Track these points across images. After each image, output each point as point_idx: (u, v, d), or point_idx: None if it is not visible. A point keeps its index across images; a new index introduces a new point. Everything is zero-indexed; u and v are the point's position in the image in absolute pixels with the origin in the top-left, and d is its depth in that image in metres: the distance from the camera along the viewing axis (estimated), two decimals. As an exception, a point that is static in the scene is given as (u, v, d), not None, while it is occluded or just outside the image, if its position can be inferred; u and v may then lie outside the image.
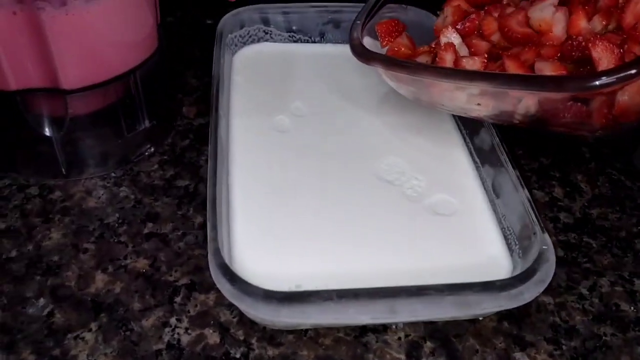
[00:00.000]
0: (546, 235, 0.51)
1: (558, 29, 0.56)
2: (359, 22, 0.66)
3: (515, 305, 0.49)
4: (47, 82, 0.58)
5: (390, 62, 0.60)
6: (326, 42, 0.80)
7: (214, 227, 0.50)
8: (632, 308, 0.56)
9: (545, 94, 0.51)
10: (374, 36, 0.68)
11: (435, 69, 0.58)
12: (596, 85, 0.46)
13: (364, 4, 0.68)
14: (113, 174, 0.66)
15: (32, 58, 0.56)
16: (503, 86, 0.51)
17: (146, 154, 0.68)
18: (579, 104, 0.51)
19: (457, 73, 0.56)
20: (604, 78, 0.45)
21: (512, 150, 0.71)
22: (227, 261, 0.48)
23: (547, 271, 0.49)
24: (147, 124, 0.67)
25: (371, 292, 0.47)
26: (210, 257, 0.48)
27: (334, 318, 0.47)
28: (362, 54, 0.61)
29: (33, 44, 0.55)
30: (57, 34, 0.55)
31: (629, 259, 0.61)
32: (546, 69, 0.53)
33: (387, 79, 0.63)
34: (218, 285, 0.46)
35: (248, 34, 0.78)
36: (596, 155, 0.72)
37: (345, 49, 0.78)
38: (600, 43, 0.50)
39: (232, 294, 0.46)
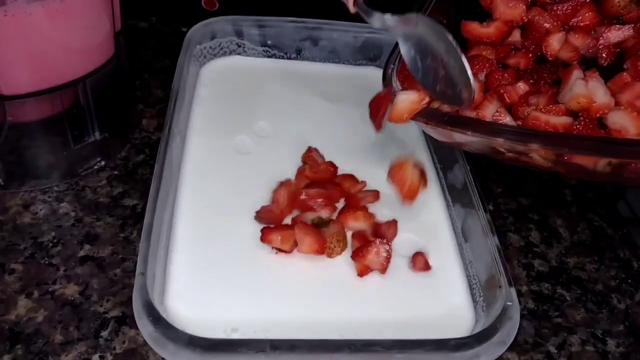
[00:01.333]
0: (512, 290, 0.46)
1: (600, 96, 0.50)
2: (392, 66, 0.57)
3: (470, 368, 0.44)
4: (-17, 86, 0.54)
5: (445, 119, 0.50)
6: (302, 60, 0.76)
7: (145, 260, 0.45)
8: (603, 373, 0.52)
9: None
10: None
11: (510, 129, 0.49)
12: None
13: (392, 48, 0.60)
14: (56, 188, 0.61)
15: (-33, 59, 0.52)
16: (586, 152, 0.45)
17: (95, 167, 0.63)
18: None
19: (541, 136, 0.47)
20: None
21: (490, 187, 0.66)
22: (156, 295, 0.44)
23: (509, 331, 0.44)
24: (97, 136, 0.62)
25: (311, 345, 0.42)
26: (135, 293, 0.43)
27: (266, 372, 0.42)
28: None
29: (-31, 45, 0.51)
30: (-4, 34, 0.50)
31: (603, 315, 0.56)
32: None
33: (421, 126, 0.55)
34: (139, 326, 0.42)
35: (219, 45, 0.73)
36: (579, 198, 0.67)
37: (323, 67, 0.75)
38: None
39: (153, 338, 0.41)
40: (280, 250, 0.52)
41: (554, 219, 0.65)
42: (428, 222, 0.58)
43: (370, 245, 0.52)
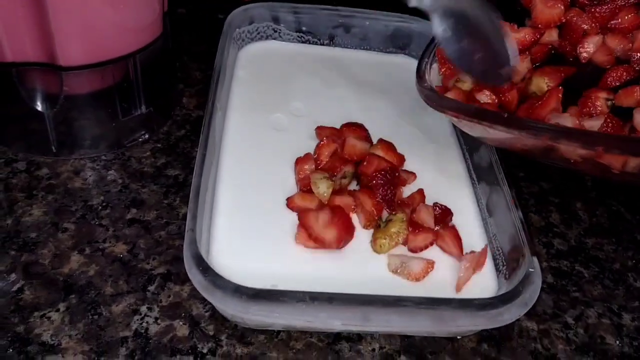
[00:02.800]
0: (534, 259, 0.49)
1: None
2: (426, 60, 0.60)
3: (493, 326, 0.47)
4: (43, 57, 0.57)
5: (477, 112, 0.52)
6: (335, 46, 0.79)
7: (194, 217, 0.49)
8: (617, 342, 0.54)
9: None
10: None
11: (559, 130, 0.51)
12: None
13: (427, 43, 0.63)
14: (104, 157, 0.65)
15: (31, 31, 0.55)
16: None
17: (140, 140, 0.67)
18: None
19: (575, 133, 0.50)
20: None
21: (512, 172, 0.69)
22: (202, 253, 0.47)
23: (531, 294, 0.47)
24: (143, 109, 0.66)
25: (345, 298, 0.45)
26: (185, 247, 0.47)
27: (305, 320, 0.45)
28: (437, 102, 0.56)
29: (32, 16, 0.54)
30: (58, 7, 0.54)
31: (619, 292, 0.59)
32: None
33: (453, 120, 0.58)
34: (189, 276, 0.45)
35: (256, 30, 0.77)
36: (598, 185, 0.70)
37: (354, 54, 0.79)
38: None
39: (203, 286, 0.45)
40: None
41: (574, 203, 0.68)
42: (454, 198, 0.60)
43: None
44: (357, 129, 0.64)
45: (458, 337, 0.52)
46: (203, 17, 0.89)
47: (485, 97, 0.58)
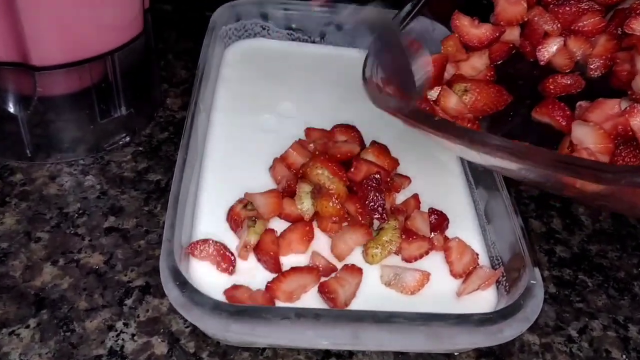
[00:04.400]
0: (536, 270, 0.46)
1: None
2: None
3: (493, 344, 0.44)
4: (15, 56, 0.54)
5: (416, 116, 0.49)
6: (326, 44, 0.76)
7: (172, 226, 0.46)
8: (623, 356, 0.51)
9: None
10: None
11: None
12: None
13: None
14: (81, 161, 0.61)
15: (2, 29, 0.52)
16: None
17: (120, 143, 0.64)
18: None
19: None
20: None
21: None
22: (182, 265, 0.44)
23: (533, 308, 0.44)
24: (123, 111, 0.62)
25: (333, 315, 0.42)
26: (162, 259, 0.43)
27: (290, 339, 0.42)
28: (378, 100, 0.52)
29: (3, 14, 0.51)
30: (30, 3, 0.51)
31: (625, 302, 0.56)
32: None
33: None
34: (165, 291, 0.42)
35: (244, 27, 0.74)
36: (601, 187, 0.67)
37: (347, 52, 0.76)
38: None
39: (180, 303, 0.41)
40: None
41: (575, 207, 0.64)
42: (451, 203, 0.57)
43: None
44: (349, 130, 0.61)
45: (455, 354, 0.49)
46: (189, 14, 0.86)
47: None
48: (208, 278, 0.48)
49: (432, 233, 0.53)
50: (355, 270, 0.48)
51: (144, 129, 0.66)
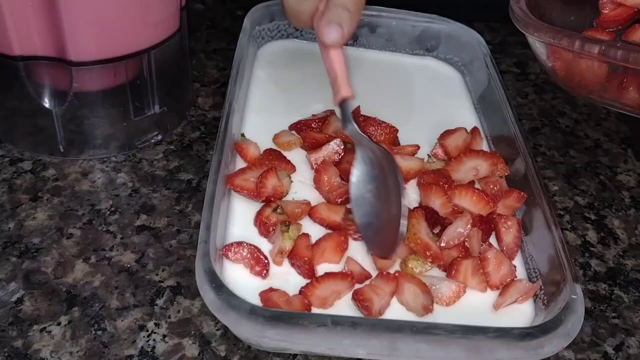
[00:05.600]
0: (577, 285, 0.45)
1: None
2: None
3: (533, 359, 0.43)
4: (53, 51, 0.54)
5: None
6: (359, 47, 0.75)
7: (207, 228, 0.45)
8: (663, 377, 0.50)
9: None
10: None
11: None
12: None
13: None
14: (114, 158, 0.61)
15: (40, 23, 0.52)
16: None
17: (152, 141, 0.64)
18: None
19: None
20: None
21: (546, 185, 0.65)
22: (216, 267, 0.43)
23: (574, 324, 0.43)
24: (156, 109, 0.62)
25: (371, 324, 0.42)
26: (197, 261, 0.43)
27: (326, 348, 0.42)
28: (530, 24, 0.51)
29: (42, 7, 0.51)
30: (69, 1, 0.51)
31: (663, 320, 0.55)
32: None
33: (546, 58, 0.53)
34: (201, 293, 0.41)
35: (277, 28, 0.73)
36: (637, 201, 0.66)
37: (379, 55, 0.75)
38: None
39: (216, 306, 0.41)
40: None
41: (611, 220, 0.63)
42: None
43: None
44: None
45: (491, 367, 0.48)
46: (222, 13, 0.86)
47: None
48: (241, 281, 0.47)
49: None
50: (391, 279, 0.47)
51: (175, 128, 0.66)
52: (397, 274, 0.47)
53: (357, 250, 0.51)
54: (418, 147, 0.59)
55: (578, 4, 0.58)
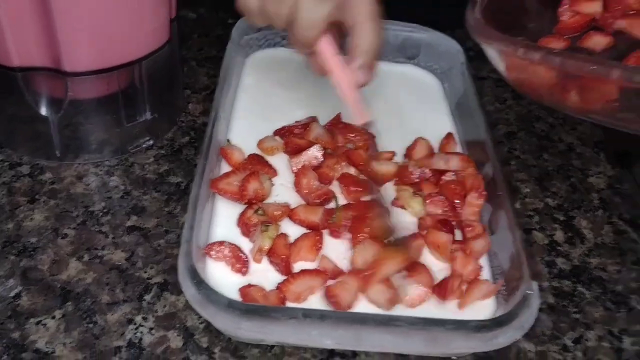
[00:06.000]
0: (534, 282, 0.49)
1: None
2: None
3: (488, 349, 0.46)
4: (49, 62, 0.58)
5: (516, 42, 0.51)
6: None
7: (191, 228, 0.49)
8: (617, 368, 0.54)
9: None
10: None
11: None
12: None
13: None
14: (107, 162, 0.65)
15: (37, 36, 0.56)
16: None
17: (144, 146, 0.67)
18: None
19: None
20: None
21: (518, 187, 0.69)
22: (199, 264, 0.47)
23: (528, 318, 0.47)
24: (148, 116, 0.66)
25: (338, 316, 0.45)
26: (180, 259, 0.47)
27: (296, 338, 0.45)
28: (481, 33, 0.54)
29: (39, 22, 0.55)
30: (64, 12, 0.54)
31: (621, 314, 0.58)
32: None
33: (501, 64, 0.55)
34: (183, 289, 0.45)
35: (264, 37, 0.77)
36: (605, 203, 0.69)
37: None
38: None
39: (196, 300, 0.44)
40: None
41: (579, 221, 0.67)
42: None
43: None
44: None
45: (453, 358, 0.51)
46: (213, 22, 0.89)
47: None
48: (223, 277, 0.51)
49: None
50: (360, 277, 0.51)
51: (166, 133, 0.70)
52: (367, 273, 0.51)
53: (332, 249, 0.54)
54: (394, 153, 0.63)
55: (537, 12, 0.62)
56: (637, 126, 0.50)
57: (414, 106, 0.73)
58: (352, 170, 0.60)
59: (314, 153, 0.60)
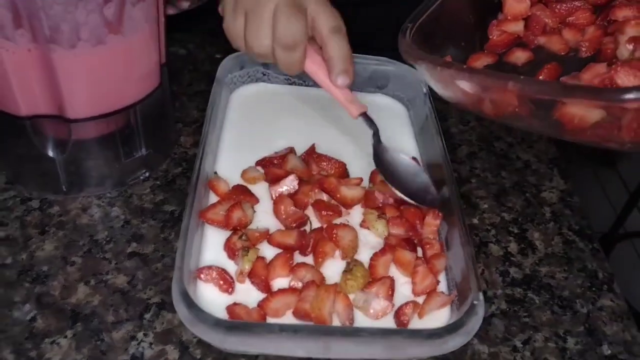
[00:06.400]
0: (479, 293, 0.56)
1: None
2: (410, 24, 0.66)
3: (440, 353, 0.54)
4: (54, 110, 0.65)
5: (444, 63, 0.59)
6: (319, 87, 0.86)
7: (182, 256, 0.56)
8: (558, 365, 0.61)
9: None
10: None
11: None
12: (628, 98, 0.47)
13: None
14: (109, 194, 0.73)
15: (42, 90, 0.63)
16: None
17: (141, 178, 0.75)
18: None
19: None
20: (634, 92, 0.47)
21: (477, 203, 0.76)
22: (191, 285, 0.55)
23: (474, 325, 0.54)
24: (143, 152, 0.74)
25: (309, 329, 0.53)
26: (173, 283, 0.54)
27: (275, 349, 0.53)
28: (410, 53, 0.62)
29: (43, 78, 0.63)
30: (66, 71, 0.62)
31: (567, 317, 0.66)
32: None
33: (430, 81, 0.63)
34: (176, 309, 0.53)
35: (247, 74, 0.84)
36: (557, 215, 0.77)
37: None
38: (622, 69, 0.54)
39: (188, 319, 0.52)
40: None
41: (532, 233, 0.74)
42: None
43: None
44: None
45: (414, 360, 0.59)
46: (202, 57, 0.97)
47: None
48: (212, 297, 0.59)
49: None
50: (331, 290, 0.58)
51: (161, 165, 0.77)
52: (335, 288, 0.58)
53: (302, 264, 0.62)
54: (361, 179, 0.71)
55: (466, 32, 0.70)
56: (543, 129, 0.60)
57: (384, 132, 0.80)
58: (324, 197, 0.67)
59: (291, 182, 0.68)
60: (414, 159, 0.71)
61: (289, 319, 0.58)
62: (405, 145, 0.78)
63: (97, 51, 0.62)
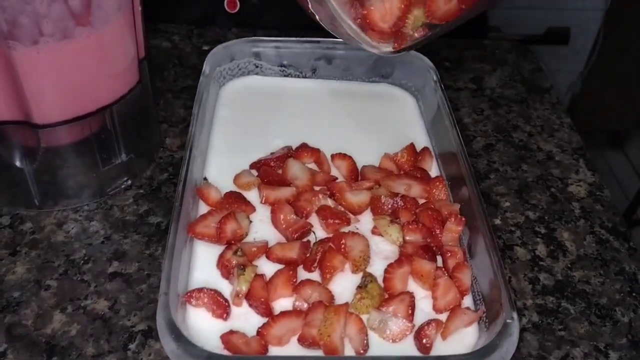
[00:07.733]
0: (514, 311, 0.49)
1: None
2: None
3: (470, 382, 0.47)
4: (19, 116, 0.58)
5: None
6: (317, 78, 0.79)
7: (168, 280, 0.49)
8: (602, 386, 0.54)
9: None
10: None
11: None
12: None
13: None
14: (86, 207, 0.65)
15: (4, 93, 0.56)
16: None
17: (122, 187, 0.67)
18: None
19: None
20: None
21: (497, 201, 0.69)
22: (179, 313, 0.47)
23: (509, 348, 0.47)
24: (123, 158, 0.66)
25: (317, 361, 0.45)
26: (158, 313, 0.47)
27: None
28: None
29: (4, 80, 0.55)
30: (29, 71, 0.55)
31: (607, 328, 0.58)
32: None
33: None
34: (162, 344, 0.45)
35: (238, 66, 0.77)
36: (587, 212, 0.69)
37: (337, 85, 0.78)
38: None
39: (176, 355, 0.45)
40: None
41: (561, 233, 0.67)
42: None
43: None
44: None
45: (438, 389, 0.52)
46: (188, 50, 0.89)
47: None
48: (204, 324, 0.51)
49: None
50: (341, 311, 0.51)
51: (145, 171, 0.70)
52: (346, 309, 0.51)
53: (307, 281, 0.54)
54: (374, 182, 0.63)
55: None
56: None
57: (392, 124, 0.73)
58: (329, 202, 0.60)
59: (290, 191, 0.61)
60: None
61: (293, 347, 0.50)
62: (416, 139, 0.70)
63: (64, 46, 0.55)
